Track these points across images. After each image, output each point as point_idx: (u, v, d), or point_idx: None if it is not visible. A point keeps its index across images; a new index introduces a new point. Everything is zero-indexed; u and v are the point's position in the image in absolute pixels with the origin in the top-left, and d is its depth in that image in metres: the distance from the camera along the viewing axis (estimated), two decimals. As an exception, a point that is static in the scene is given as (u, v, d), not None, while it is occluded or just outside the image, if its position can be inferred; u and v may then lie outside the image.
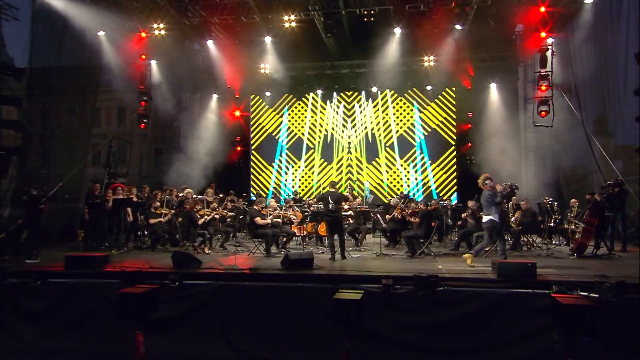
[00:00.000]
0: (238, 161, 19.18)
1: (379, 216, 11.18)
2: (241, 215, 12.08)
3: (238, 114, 19.02)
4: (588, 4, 11.39)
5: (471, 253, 8.71)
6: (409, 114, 18.18)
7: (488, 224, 8.64)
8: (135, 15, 13.84)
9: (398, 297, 6.97)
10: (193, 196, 12.61)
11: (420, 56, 15.80)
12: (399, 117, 18.24)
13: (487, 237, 8.83)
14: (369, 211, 11.47)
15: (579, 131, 12.52)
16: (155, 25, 13.83)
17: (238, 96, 18.46)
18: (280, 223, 10.68)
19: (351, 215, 11.19)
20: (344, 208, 10.21)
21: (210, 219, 10.88)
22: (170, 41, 14.70)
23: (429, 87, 17.55)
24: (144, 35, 13.94)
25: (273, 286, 7.54)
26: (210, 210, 11.17)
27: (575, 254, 9.52)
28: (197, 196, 12.60)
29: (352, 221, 11.43)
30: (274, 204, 11.10)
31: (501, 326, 6.61)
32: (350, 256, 9.67)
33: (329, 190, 9.58)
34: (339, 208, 9.42)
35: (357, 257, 9.75)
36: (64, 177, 12.29)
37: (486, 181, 8.74)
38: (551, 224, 11.27)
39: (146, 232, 11.69)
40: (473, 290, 6.98)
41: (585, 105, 12.53)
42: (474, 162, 16.26)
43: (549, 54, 12.16)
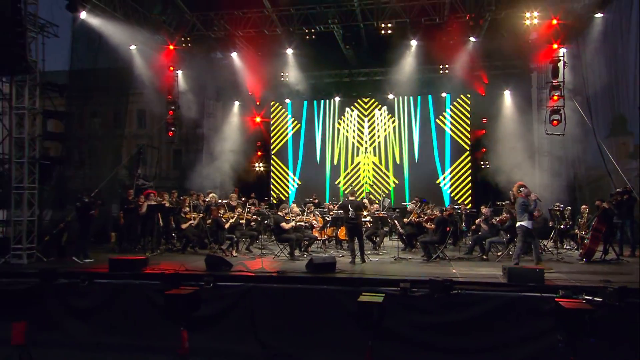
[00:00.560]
0: (258, 166, 19.91)
1: (396, 222, 11.74)
2: (266, 221, 12.74)
3: (259, 120, 19.77)
4: (598, 18, 11.80)
5: (515, 262, 8.93)
6: (424, 119, 18.71)
7: (520, 230, 9.03)
8: (163, 29, 14.69)
9: (415, 300, 7.56)
10: (217, 201, 13.42)
11: (435, 65, 16.33)
12: (413, 123, 18.77)
13: (521, 243, 9.11)
14: (386, 217, 12.05)
15: (592, 137, 12.88)
16: (182, 39, 14.64)
17: (259, 103, 19.21)
18: (303, 227, 11.33)
19: (370, 220, 11.78)
20: (363, 215, 10.81)
21: (235, 222, 11.59)
22: (196, 52, 15.49)
23: (443, 94, 18.06)
24: (171, 47, 14.78)
25: (299, 288, 8.19)
26: (235, 214, 11.90)
27: (584, 259, 9.99)
28: (221, 201, 13.39)
29: (370, 225, 12.03)
30: (296, 209, 11.76)
31: (510, 327, 7.16)
32: (369, 260, 10.26)
33: (349, 199, 10.21)
34: (358, 215, 10.04)
35: (376, 261, 10.34)
36: (98, 179, 13.06)
37: (520, 189, 9.09)
38: (561, 227, 11.70)
39: (174, 235, 12.50)
40: (485, 294, 7.52)
41: (597, 113, 12.91)
42: (488, 168, 16.77)
43: (561, 64, 12.61)
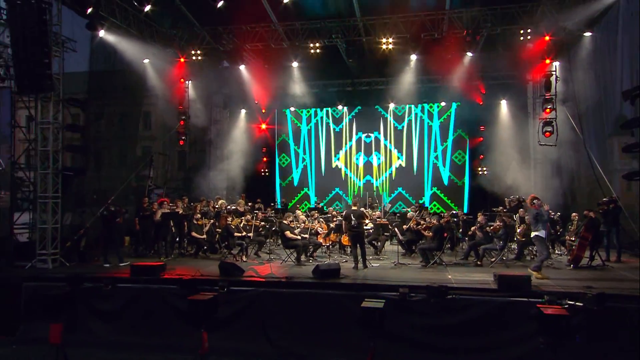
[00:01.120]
0: (264, 171, 20.63)
1: (396, 229, 12.43)
2: (273, 228, 13.43)
3: (264, 127, 20.48)
4: (587, 37, 12.48)
5: (534, 270, 9.45)
6: (424, 127, 19.42)
7: (536, 240, 9.68)
8: (175, 42, 15.40)
9: (413, 304, 8.27)
10: (226, 207, 14.13)
11: (434, 75, 17.03)
12: (413, 131, 19.49)
13: (542, 250, 9.73)
14: (387, 224, 12.74)
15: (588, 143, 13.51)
16: (192, 52, 15.36)
17: (264, 111, 19.91)
18: (308, 235, 12.01)
19: (371, 228, 12.47)
20: (365, 223, 11.49)
21: (244, 229, 12.27)
22: (205, 64, 16.20)
23: (443, 103, 18.75)
24: (182, 60, 15.50)
25: (306, 293, 8.90)
26: (244, 220, 12.59)
27: (572, 265, 10.68)
28: (230, 207, 14.09)
29: (372, 232, 12.72)
30: (302, 217, 12.45)
31: (500, 329, 7.88)
32: (371, 265, 10.96)
33: (352, 208, 10.91)
34: (360, 223, 10.75)
35: (377, 266, 11.03)
36: (112, 183, 13.75)
37: (534, 201, 9.73)
38: (552, 232, 12.35)
39: (185, 240, 13.18)
40: (477, 299, 8.24)
41: (589, 125, 13.58)
42: (486, 174, 17.47)
43: (553, 79, 13.29)
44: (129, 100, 14.77)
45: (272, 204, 17.70)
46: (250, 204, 15.95)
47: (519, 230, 12.25)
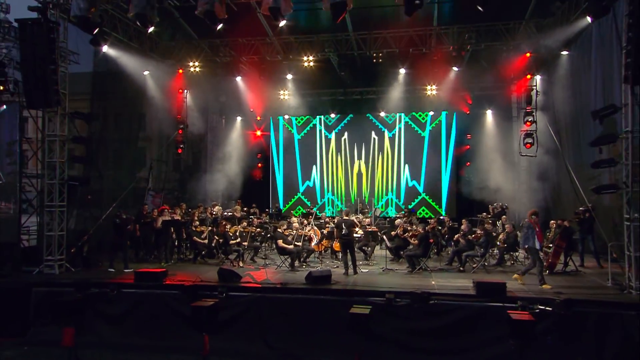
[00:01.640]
0: (259, 177, 21.27)
1: (385, 237, 13.14)
2: (269, 235, 14.07)
3: (259, 133, 21.13)
4: (564, 55, 13.26)
5: (520, 274, 10.30)
6: (412, 136, 20.18)
7: (531, 251, 10.27)
8: (174, 54, 16.00)
9: (398, 309, 8.97)
10: (223, 213, 14.77)
11: (422, 86, 17.78)
12: (402, 139, 20.25)
13: (536, 260, 10.18)
14: (377, 231, 13.45)
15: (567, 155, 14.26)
16: (190, 63, 15.96)
17: (259, 118, 20.56)
18: (301, 242, 12.65)
19: (362, 235, 13.17)
20: (355, 231, 12.18)
21: (240, 237, 12.88)
22: (202, 75, 16.80)
23: (431, 112, 19.53)
24: (180, 71, 16.11)
25: (300, 298, 9.57)
26: (240, 227, 13.23)
27: (547, 271, 11.43)
28: (227, 213, 14.71)
29: (362, 238, 13.40)
30: (296, 224, 13.12)
31: (476, 332, 8.61)
32: (360, 271, 11.64)
33: (343, 217, 11.60)
34: (351, 231, 11.44)
35: (366, 272, 11.73)
36: (108, 185, 14.23)
37: (532, 216, 10.25)
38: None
39: (182, 245, 13.79)
40: (457, 304, 8.95)
41: (567, 138, 14.31)
42: (471, 182, 18.21)
43: (534, 93, 14.06)
44: (129, 106, 15.31)
45: (267, 209, 18.33)
46: (245, 210, 16.59)
47: (500, 236, 13.04)
